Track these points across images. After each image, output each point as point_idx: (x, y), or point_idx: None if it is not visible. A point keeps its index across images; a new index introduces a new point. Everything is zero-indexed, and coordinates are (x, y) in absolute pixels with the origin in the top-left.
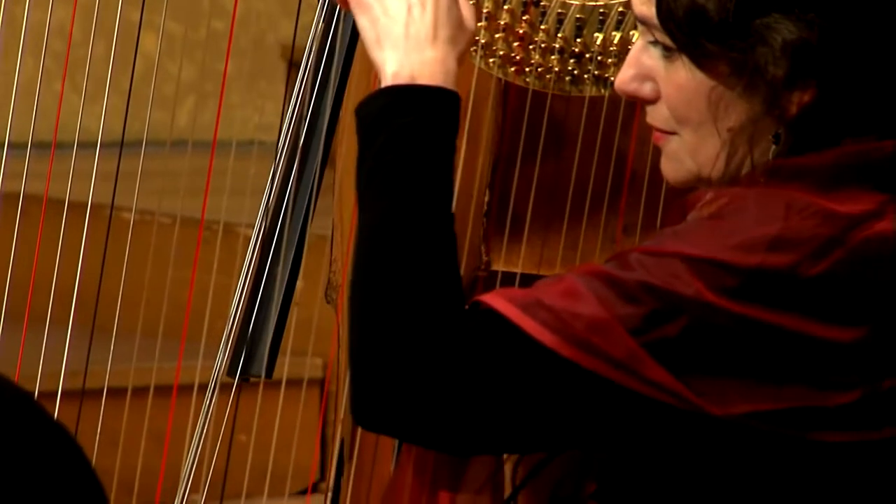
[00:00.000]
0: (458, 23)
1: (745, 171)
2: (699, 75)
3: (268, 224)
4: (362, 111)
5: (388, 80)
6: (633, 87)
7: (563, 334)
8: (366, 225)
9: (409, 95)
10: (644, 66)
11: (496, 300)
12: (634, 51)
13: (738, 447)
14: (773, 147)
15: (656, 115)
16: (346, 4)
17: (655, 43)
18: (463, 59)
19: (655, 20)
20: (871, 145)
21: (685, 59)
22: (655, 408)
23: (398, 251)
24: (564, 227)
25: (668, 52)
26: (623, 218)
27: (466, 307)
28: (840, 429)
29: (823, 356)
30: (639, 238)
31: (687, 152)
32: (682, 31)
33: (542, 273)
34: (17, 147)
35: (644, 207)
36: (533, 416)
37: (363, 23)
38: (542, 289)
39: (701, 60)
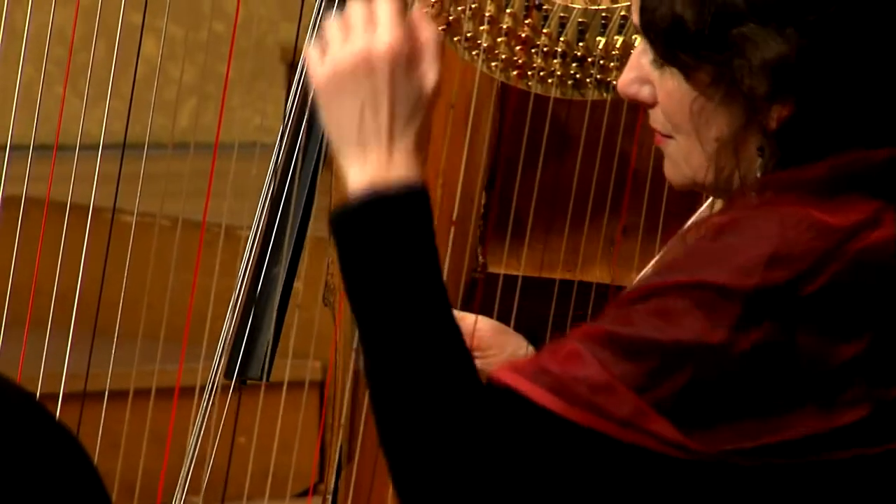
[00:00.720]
0: (417, 95)
1: (735, 181)
2: (684, 84)
3: (266, 226)
4: (335, 226)
5: (351, 189)
6: (633, 90)
7: (566, 397)
8: (369, 341)
9: (373, 208)
10: (643, 68)
11: (506, 375)
12: (636, 54)
13: (753, 482)
14: (760, 160)
15: (656, 118)
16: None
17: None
18: (428, 127)
19: None
20: (861, 154)
21: (672, 67)
22: (667, 461)
23: (408, 360)
24: (566, 230)
25: (657, 60)
26: (624, 220)
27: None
28: (854, 445)
29: (829, 375)
30: (640, 241)
31: (682, 157)
32: (662, 42)
33: (543, 276)
34: (18, 150)
35: (646, 211)
36: (549, 482)
37: (324, 119)
38: (546, 356)
39: (682, 70)
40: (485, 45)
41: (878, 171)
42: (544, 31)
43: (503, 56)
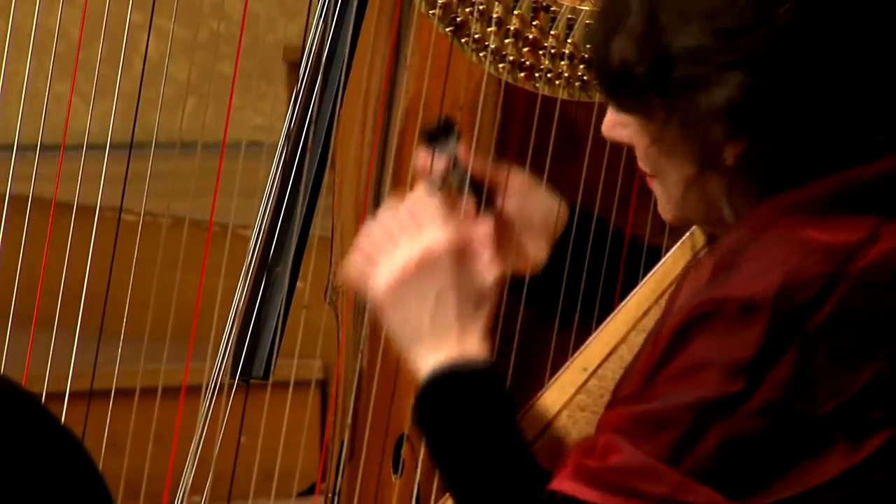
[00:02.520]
0: (480, 287)
1: (723, 214)
2: (645, 127)
3: (268, 225)
4: (420, 401)
5: (427, 373)
6: (615, 134)
7: (608, 488)
8: (457, 496)
9: (454, 381)
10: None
11: (556, 483)
12: None
13: None
14: (725, 198)
15: (639, 159)
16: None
17: None
18: (493, 313)
19: None
20: (853, 171)
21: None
22: None
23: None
24: None
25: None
26: (632, 222)
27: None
28: (884, 468)
29: (852, 402)
30: (647, 242)
31: (663, 195)
32: (613, 88)
33: None
34: (24, 150)
35: (653, 211)
36: None
37: (390, 325)
38: (587, 454)
39: (636, 115)
40: (492, 46)
41: (871, 186)
42: (552, 32)
43: (511, 57)
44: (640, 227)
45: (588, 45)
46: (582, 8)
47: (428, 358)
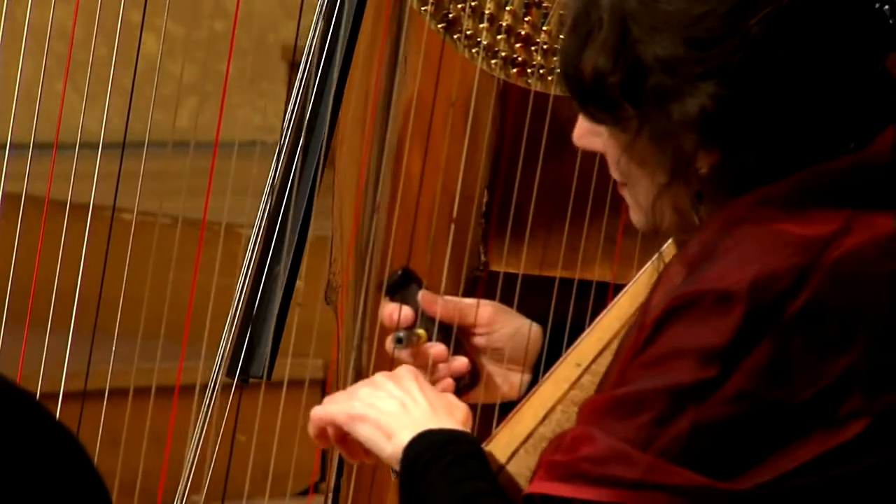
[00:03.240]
0: (449, 404)
1: (691, 222)
2: (616, 137)
3: (267, 225)
4: (402, 464)
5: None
6: (586, 142)
7: (577, 479)
8: None
9: (436, 437)
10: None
11: (536, 485)
12: None
13: None
14: (698, 205)
15: (611, 168)
16: (340, 440)
17: None
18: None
19: None
20: (824, 166)
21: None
22: None
23: None
24: (566, 228)
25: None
26: (624, 218)
27: None
28: (865, 456)
29: (827, 391)
30: (640, 239)
31: (634, 204)
32: (584, 97)
33: (543, 274)
34: (18, 148)
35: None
36: None
37: (366, 432)
38: (556, 450)
39: (608, 124)
40: (484, 42)
41: (843, 179)
42: (544, 28)
43: (503, 53)
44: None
45: (559, 59)
46: None
47: (406, 437)
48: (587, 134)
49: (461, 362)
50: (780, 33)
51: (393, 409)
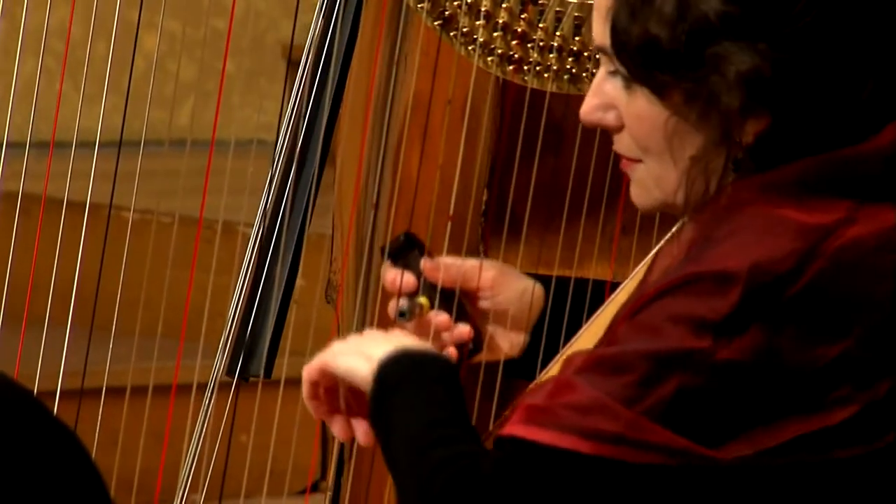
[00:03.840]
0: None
1: (706, 197)
2: (657, 105)
3: (267, 223)
4: (379, 379)
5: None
6: (597, 117)
7: (557, 427)
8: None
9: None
10: (607, 95)
11: (506, 428)
12: (597, 80)
13: (754, 486)
14: (733, 175)
15: (621, 144)
16: (329, 398)
17: (616, 73)
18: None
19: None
20: (831, 155)
21: (643, 89)
22: (667, 473)
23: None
24: (563, 226)
25: (627, 82)
26: (622, 217)
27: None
28: (848, 444)
29: (814, 376)
30: (636, 237)
31: (652, 180)
32: (636, 62)
33: (540, 272)
34: (16, 146)
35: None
36: None
37: (346, 362)
38: (537, 394)
39: (656, 90)
40: (481, 40)
41: (848, 170)
42: (540, 25)
43: (499, 51)
44: (628, 226)
45: (614, 21)
46: (570, 1)
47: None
48: (598, 109)
49: (464, 330)
50: None
51: (375, 338)
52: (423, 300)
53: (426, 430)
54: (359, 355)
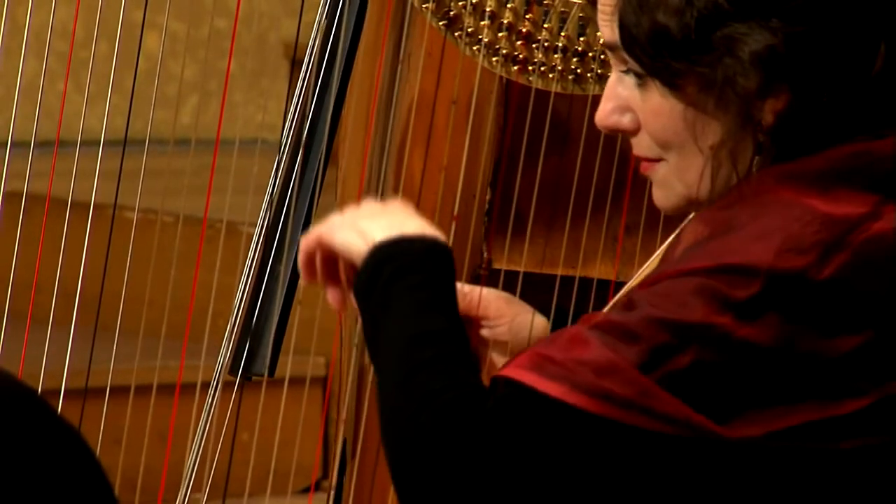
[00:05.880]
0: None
1: (722, 191)
2: (671, 98)
3: (270, 222)
4: (374, 264)
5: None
6: (613, 121)
7: (569, 382)
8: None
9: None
10: (621, 97)
11: (510, 370)
12: (610, 83)
13: (757, 468)
14: (757, 158)
15: (641, 145)
16: (327, 271)
17: (627, 71)
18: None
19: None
20: (860, 147)
21: (657, 83)
22: (672, 443)
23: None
24: (567, 225)
25: (640, 79)
26: (626, 217)
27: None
28: (856, 435)
29: (829, 365)
30: (641, 237)
31: (675, 176)
32: (648, 54)
33: (544, 272)
34: (20, 146)
35: (647, 206)
36: (558, 473)
37: (342, 237)
38: (550, 345)
39: (671, 81)
40: (486, 40)
41: (875, 164)
42: (545, 25)
43: (504, 51)
44: (632, 226)
45: (622, 17)
46: (575, 1)
47: (381, 231)
48: (614, 113)
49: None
50: None
51: (373, 211)
52: None
53: (418, 345)
54: (355, 230)
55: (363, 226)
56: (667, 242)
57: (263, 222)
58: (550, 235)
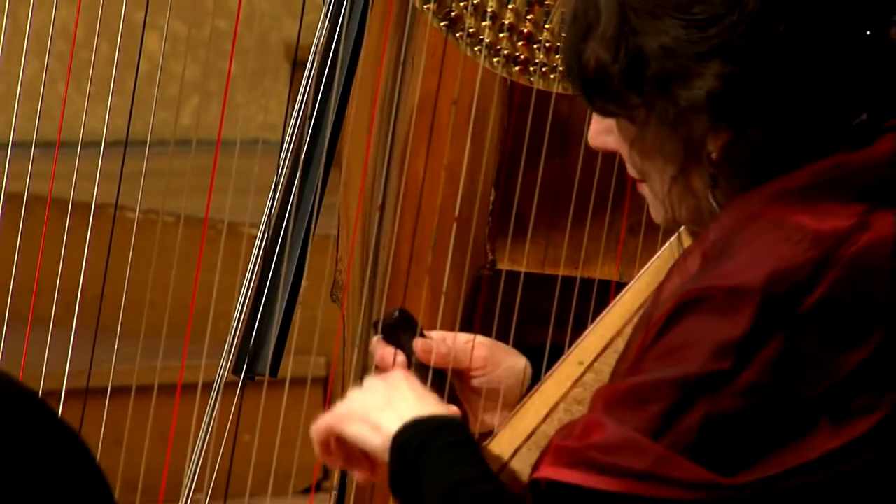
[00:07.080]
0: (440, 401)
1: (705, 212)
2: (629, 130)
3: (273, 223)
4: (395, 444)
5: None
6: (600, 141)
7: (585, 467)
8: None
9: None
10: (605, 120)
11: (543, 469)
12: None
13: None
14: (714, 189)
15: (628, 165)
16: (344, 453)
17: None
18: None
19: None
20: (839, 158)
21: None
22: None
23: None
24: (569, 226)
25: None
26: (628, 217)
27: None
28: (873, 449)
29: (838, 387)
30: (643, 238)
31: (655, 197)
32: (588, 90)
33: (546, 272)
34: (20, 147)
35: (648, 207)
36: None
37: (354, 429)
38: (566, 436)
39: (617, 116)
40: (487, 40)
41: (859, 174)
42: (546, 26)
43: (505, 52)
44: (635, 227)
45: (561, 55)
46: None
47: (393, 422)
48: (601, 133)
49: (452, 411)
50: (779, 6)
51: (379, 404)
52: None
53: (460, 490)
54: (366, 423)
55: (375, 419)
56: (665, 246)
57: (266, 223)
58: (552, 235)
